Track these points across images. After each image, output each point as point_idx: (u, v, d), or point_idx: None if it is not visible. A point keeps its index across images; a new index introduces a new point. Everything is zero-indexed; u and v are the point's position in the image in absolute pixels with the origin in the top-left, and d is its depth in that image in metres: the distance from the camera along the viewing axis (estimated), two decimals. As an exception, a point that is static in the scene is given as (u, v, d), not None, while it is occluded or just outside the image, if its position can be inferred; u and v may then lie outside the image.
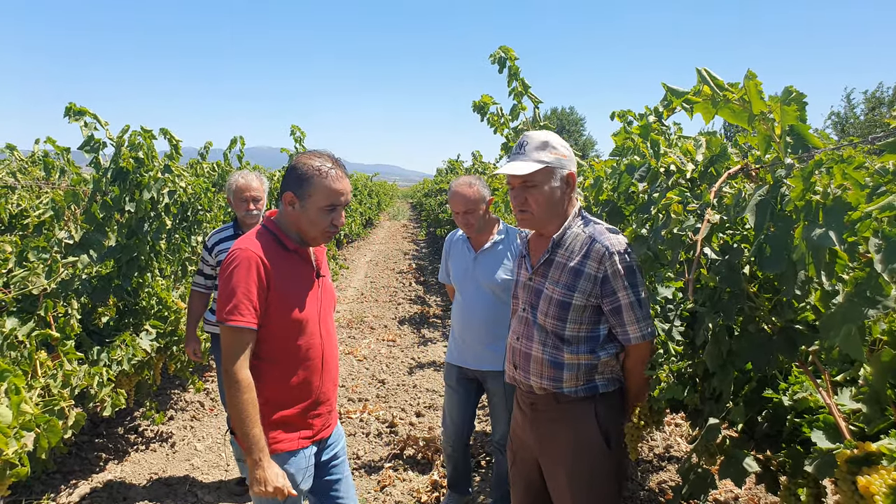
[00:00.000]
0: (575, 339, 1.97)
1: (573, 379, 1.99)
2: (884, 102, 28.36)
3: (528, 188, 1.96)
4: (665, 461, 3.97)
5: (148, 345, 3.70)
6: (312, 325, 2.05)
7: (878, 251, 1.15)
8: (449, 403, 3.27)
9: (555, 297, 1.97)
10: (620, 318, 1.93)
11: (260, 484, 1.87)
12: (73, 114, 3.26)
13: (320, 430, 2.14)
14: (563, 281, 1.96)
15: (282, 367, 2.01)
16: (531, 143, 1.97)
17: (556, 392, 2.02)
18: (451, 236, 3.30)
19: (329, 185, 1.94)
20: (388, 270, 12.62)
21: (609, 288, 1.91)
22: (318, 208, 1.95)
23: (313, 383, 2.08)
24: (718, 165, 1.90)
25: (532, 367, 2.04)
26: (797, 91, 1.39)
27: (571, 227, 2.01)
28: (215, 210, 5.72)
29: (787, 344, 1.63)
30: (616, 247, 1.92)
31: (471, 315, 3.08)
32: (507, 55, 3.82)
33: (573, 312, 1.95)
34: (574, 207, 2.05)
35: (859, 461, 1.42)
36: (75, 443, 4.17)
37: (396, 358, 6.54)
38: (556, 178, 1.96)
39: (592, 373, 1.99)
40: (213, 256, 3.49)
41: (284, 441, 2.02)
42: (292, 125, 6.35)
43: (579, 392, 2.00)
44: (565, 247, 2.00)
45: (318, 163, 1.95)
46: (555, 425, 2.06)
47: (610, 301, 1.93)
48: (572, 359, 1.97)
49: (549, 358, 2.00)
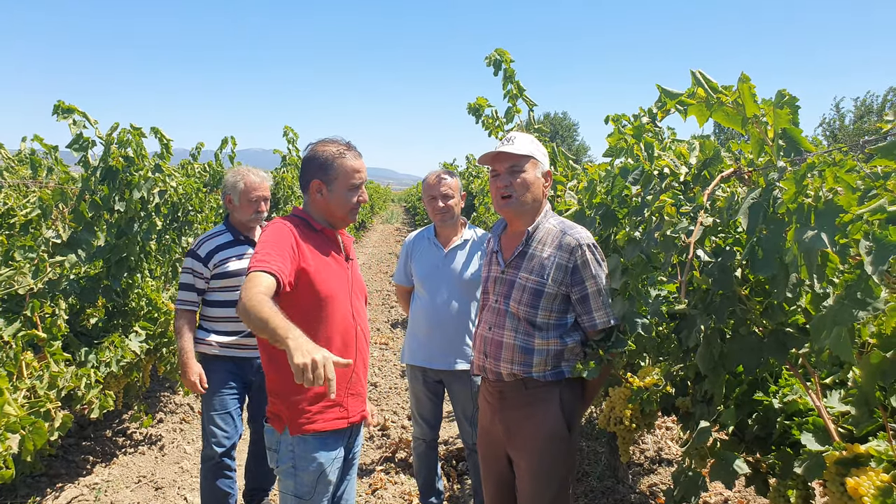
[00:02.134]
0: (545, 325, 2.11)
1: (542, 364, 2.11)
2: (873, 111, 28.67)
3: (515, 172, 2.11)
4: (656, 464, 3.97)
5: (137, 346, 3.66)
6: (343, 302, 2.11)
7: (869, 253, 1.16)
8: (417, 404, 3.22)
9: (528, 286, 2.11)
10: (587, 306, 2.09)
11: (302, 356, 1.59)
12: (62, 112, 3.23)
13: (357, 413, 2.16)
14: (537, 270, 2.11)
15: (316, 339, 1.95)
16: (520, 138, 2.15)
17: (525, 377, 2.13)
18: (410, 238, 3.29)
19: (351, 165, 2.10)
20: (380, 273, 12.59)
21: (578, 277, 2.08)
22: (344, 188, 2.10)
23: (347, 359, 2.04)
24: (712, 168, 1.91)
25: (503, 353, 2.15)
26: (790, 95, 1.39)
27: (544, 222, 2.17)
28: (206, 211, 5.69)
29: (778, 347, 1.64)
30: (585, 240, 2.09)
31: (442, 312, 3.04)
32: (503, 57, 3.82)
33: (545, 300, 2.10)
34: (546, 206, 2.22)
35: (848, 463, 1.43)
36: (62, 445, 4.12)
37: (388, 361, 6.52)
38: (539, 170, 2.15)
39: (559, 358, 2.12)
40: (211, 268, 3.01)
41: (318, 421, 2.03)
42: (285, 126, 6.34)
43: (547, 376, 2.12)
44: (538, 240, 2.15)
45: (334, 147, 2.11)
46: (522, 411, 2.16)
47: (578, 290, 2.09)
48: (542, 344, 2.10)
49: (520, 343, 2.12)
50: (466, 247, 3.12)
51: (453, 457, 4.12)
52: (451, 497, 3.63)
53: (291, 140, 6.21)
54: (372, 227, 25.68)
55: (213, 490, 3.00)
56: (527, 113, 3.94)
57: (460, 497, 3.63)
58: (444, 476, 3.82)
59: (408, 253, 3.26)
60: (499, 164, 2.14)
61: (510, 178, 2.11)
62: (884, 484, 1.32)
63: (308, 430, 2.02)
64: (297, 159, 6.51)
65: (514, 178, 2.11)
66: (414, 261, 3.20)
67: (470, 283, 3.06)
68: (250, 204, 3.04)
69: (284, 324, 1.68)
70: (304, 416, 2.01)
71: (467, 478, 3.79)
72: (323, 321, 2.04)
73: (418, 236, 3.26)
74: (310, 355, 1.59)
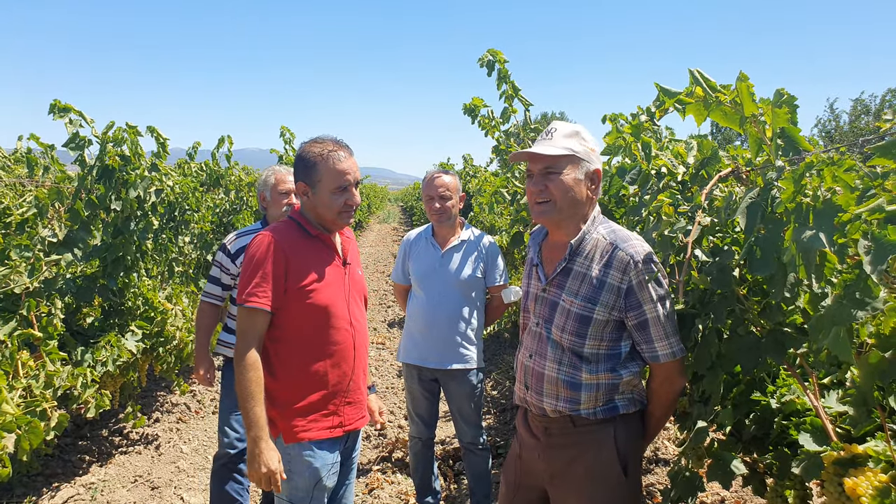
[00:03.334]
0: (594, 356, 1.79)
1: (591, 400, 1.80)
2: (870, 111, 28.73)
3: (550, 175, 1.77)
4: (653, 464, 3.97)
5: (133, 346, 3.65)
6: (339, 310, 2.07)
7: (868, 253, 1.16)
8: (413, 403, 3.23)
9: (573, 311, 1.79)
10: (647, 334, 1.76)
11: (255, 462, 1.87)
12: (58, 110, 3.21)
13: (354, 421, 2.14)
14: (583, 292, 1.78)
15: (307, 352, 2.02)
16: (560, 130, 1.81)
17: (571, 415, 1.82)
18: (408, 237, 3.29)
19: (334, 167, 2.00)
20: (377, 273, 12.59)
21: (634, 300, 1.74)
22: (328, 191, 2.01)
23: (343, 369, 2.07)
24: (709, 168, 1.90)
25: (546, 387, 1.85)
26: (788, 94, 1.39)
27: (591, 231, 1.82)
28: (203, 210, 5.68)
29: (776, 346, 1.64)
30: (641, 254, 1.74)
31: (438, 312, 3.05)
32: (496, 58, 3.81)
33: (593, 328, 1.77)
34: (594, 211, 1.86)
35: (846, 463, 1.43)
36: (58, 445, 4.10)
37: (385, 361, 6.51)
38: (581, 170, 1.78)
39: (613, 393, 1.81)
40: (238, 265, 3.00)
41: (313, 430, 2.02)
42: (282, 126, 6.32)
43: (598, 414, 1.81)
44: (584, 254, 1.81)
45: (318, 148, 2.02)
46: (570, 451, 1.86)
47: (635, 315, 1.75)
48: (591, 379, 1.79)
49: (565, 378, 1.81)
50: (463, 247, 3.12)
51: (450, 456, 4.11)
52: (447, 497, 3.63)
53: (288, 140, 6.19)
54: (369, 227, 25.67)
55: (221, 494, 2.97)
56: (523, 113, 3.93)
57: (457, 497, 3.62)
58: (441, 476, 3.81)
59: (405, 252, 3.26)
60: (533, 165, 1.82)
61: (545, 181, 1.78)
62: (882, 484, 1.31)
63: (303, 438, 2.00)
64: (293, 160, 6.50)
65: (550, 181, 1.77)
66: (411, 260, 3.21)
67: (466, 283, 3.06)
68: (280, 196, 3.05)
69: (260, 420, 1.89)
70: (298, 424, 2.00)
71: (463, 477, 3.79)
72: (319, 333, 2.03)
73: (416, 235, 3.26)
74: (264, 465, 1.86)
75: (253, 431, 1.88)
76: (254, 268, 1.95)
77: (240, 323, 1.97)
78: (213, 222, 5.87)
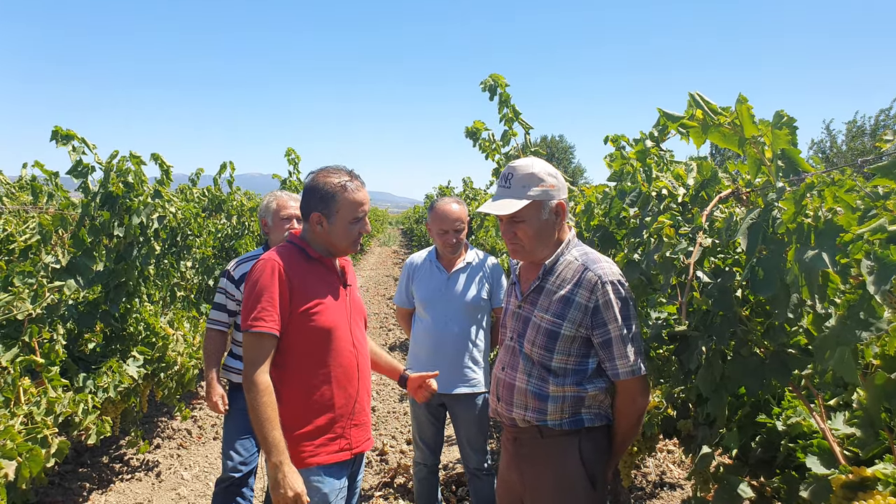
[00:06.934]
0: (562, 370, 1.89)
1: (558, 411, 1.90)
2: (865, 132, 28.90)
3: (517, 223, 1.92)
4: (658, 488, 3.92)
5: (135, 371, 3.63)
6: (342, 332, 2.07)
7: (871, 273, 1.16)
8: (419, 428, 3.19)
9: (543, 326, 1.90)
10: (610, 352, 1.85)
11: (280, 488, 1.85)
12: (61, 138, 3.24)
13: (361, 443, 2.13)
14: (553, 309, 1.89)
15: (311, 376, 2.01)
16: (517, 176, 1.91)
17: (539, 425, 1.93)
18: (412, 261, 3.27)
19: (353, 199, 2.03)
20: (378, 296, 12.55)
21: (600, 319, 1.84)
22: (346, 222, 2.04)
23: (349, 392, 2.07)
24: (709, 189, 1.92)
25: (516, 398, 1.96)
26: (788, 115, 1.41)
27: (564, 254, 1.95)
28: (205, 235, 5.70)
29: (780, 368, 1.63)
30: (609, 276, 1.85)
31: (444, 335, 3.03)
32: (498, 82, 3.87)
33: (561, 343, 1.88)
34: (567, 234, 2.00)
35: (854, 486, 1.41)
36: (58, 472, 4.06)
37: (387, 385, 6.47)
38: (545, 210, 1.91)
39: (579, 406, 1.90)
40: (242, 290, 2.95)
41: (321, 454, 2.00)
42: (288, 148, 6.38)
43: (564, 425, 1.90)
44: (556, 274, 1.93)
45: (336, 179, 2.03)
46: (538, 462, 1.97)
47: (600, 333, 1.85)
48: (557, 391, 1.89)
49: (533, 389, 1.92)
50: (469, 269, 3.11)
51: (453, 482, 4.06)
52: (451, 523, 3.57)
53: (293, 161, 6.23)
54: (369, 250, 25.67)
55: None
56: (523, 136, 3.97)
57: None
58: (444, 502, 3.76)
59: (409, 275, 3.24)
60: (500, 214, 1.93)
61: (513, 228, 1.93)
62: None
63: (311, 464, 1.99)
64: (298, 182, 6.54)
65: (518, 228, 1.92)
66: (415, 283, 3.19)
67: (472, 305, 3.04)
68: (282, 221, 3.05)
69: (280, 444, 1.88)
70: (306, 450, 1.99)
71: (467, 502, 3.73)
72: (323, 356, 2.03)
73: (419, 260, 3.25)
74: (290, 489, 1.84)
75: (274, 457, 1.86)
76: (258, 293, 1.95)
77: (247, 349, 1.95)
78: (214, 247, 5.89)
